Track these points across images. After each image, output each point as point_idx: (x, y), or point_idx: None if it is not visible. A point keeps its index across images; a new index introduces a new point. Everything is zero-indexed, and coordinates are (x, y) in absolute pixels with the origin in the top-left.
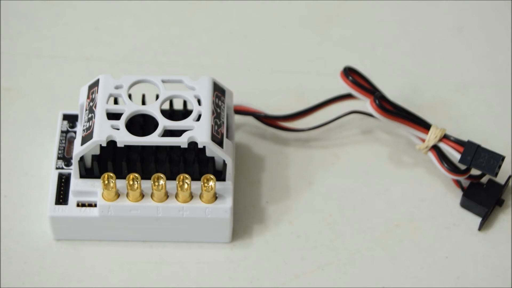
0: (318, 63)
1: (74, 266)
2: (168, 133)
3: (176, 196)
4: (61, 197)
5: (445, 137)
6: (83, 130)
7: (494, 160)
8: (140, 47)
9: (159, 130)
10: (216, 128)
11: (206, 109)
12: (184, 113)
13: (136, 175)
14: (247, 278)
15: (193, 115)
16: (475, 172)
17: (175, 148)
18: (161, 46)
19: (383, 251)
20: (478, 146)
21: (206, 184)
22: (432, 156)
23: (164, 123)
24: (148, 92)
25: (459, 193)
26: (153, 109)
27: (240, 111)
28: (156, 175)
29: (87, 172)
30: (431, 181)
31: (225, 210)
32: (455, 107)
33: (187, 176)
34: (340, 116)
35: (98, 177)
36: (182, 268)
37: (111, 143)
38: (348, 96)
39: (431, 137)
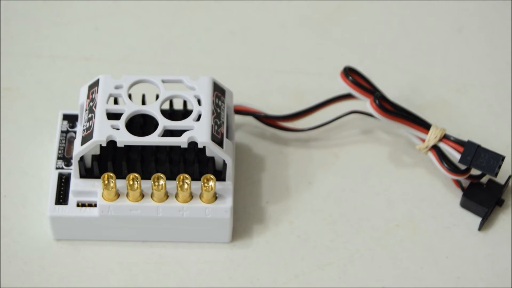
0: (318, 63)
1: (74, 266)
2: (168, 133)
3: (176, 196)
4: (61, 197)
5: (445, 137)
6: (83, 130)
7: (494, 160)
8: (140, 47)
9: (159, 130)
10: (216, 128)
11: (206, 109)
12: (184, 113)
13: (136, 175)
14: (247, 278)
15: (193, 115)
16: (475, 172)
17: (175, 148)
18: (161, 46)
19: (383, 251)
20: (478, 146)
21: (206, 184)
22: (432, 156)
23: (164, 123)
24: (148, 92)
25: (459, 193)
26: (153, 109)
27: (240, 111)
28: (156, 175)
29: (87, 172)
30: (431, 181)
31: (225, 210)
32: (455, 107)
33: (187, 176)
34: (340, 116)
35: (98, 177)
36: (182, 268)
37: (111, 143)
38: (348, 96)
39: (431, 137)
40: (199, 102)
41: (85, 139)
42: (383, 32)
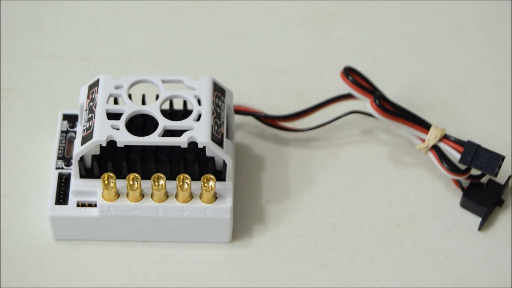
0: (318, 63)
1: (74, 266)
2: (168, 133)
3: (176, 196)
4: (61, 197)
5: (445, 137)
6: (83, 130)
7: (494, 160)
8: (140, 47)
9: (159, 130)
10: (216, 128)
11: (206, 109)
12: (184, 113)
13: (136, 175)
14: (247, 278)
15: (193, 115)
16: (475, 172)
17: (175, 148)
18: (161, 46)
19: (383, 251)
20: (478, 146)
21: (206, 184)
22: (432, 156)
23: (164, 123)
24: (148, 92)
25: (459, 193)
26: (153, 109)
27: (240, 111)
28: (156, 175)
29: (87, 172)
30: (431, 181)
31: (225, 210)
32: (455, 107)
33: (187, 176)
34: (340, 116)
35: (98, 177)
36: (182, 268)
37: (111, 143)
38: (348, 96)
39: (431, 137)
40: (199, 102)
41: (85, 139)
42: (383, 32)
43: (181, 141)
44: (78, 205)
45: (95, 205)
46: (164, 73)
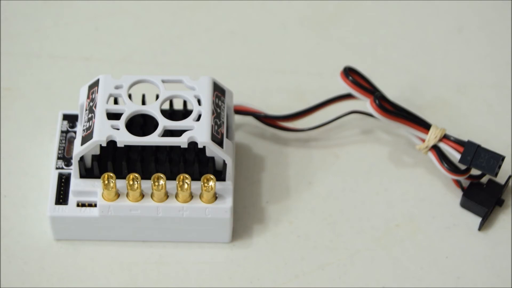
0: (318, 63)
1: (74, 266)
2: (168, 133)
3: (176, 196)
4: (61, 197)
5: (445, 137)
6: (83, 130)
7: (494, 160)
8: (140, 47)
9: (159, 130)
10: (216, 128)
11: (206, 109)
12: (184, 113)
13: (136, 175)
14: (247, 278)
15: (193, 115)
16: (475, 172)
17: (175, 148)
18: (161, 46)
19: (383, 251)
20: (478, 146)
21: (206, 184)
22: (432, 156)
23: (164, 123)
24: (148, 92)
25: (459, 193)
26: (153, 109)
27: (240, 111)
28: (156, 175)
29: (87, 172)
30: (431, 181)
31: (225, 210)
32: (455, 107)
33: (187, 176)
34: (340, 116)
35: (98, 177)
36: (182, 268)
37: (111, 143)
38: (348, 96)
39: (431, 137)
40: (199, 102)
41: (85, 139)
42: (383, 32)
43: (181, 141)
44: (78, 205)
45: (95, 205)
46: (164, 73)
